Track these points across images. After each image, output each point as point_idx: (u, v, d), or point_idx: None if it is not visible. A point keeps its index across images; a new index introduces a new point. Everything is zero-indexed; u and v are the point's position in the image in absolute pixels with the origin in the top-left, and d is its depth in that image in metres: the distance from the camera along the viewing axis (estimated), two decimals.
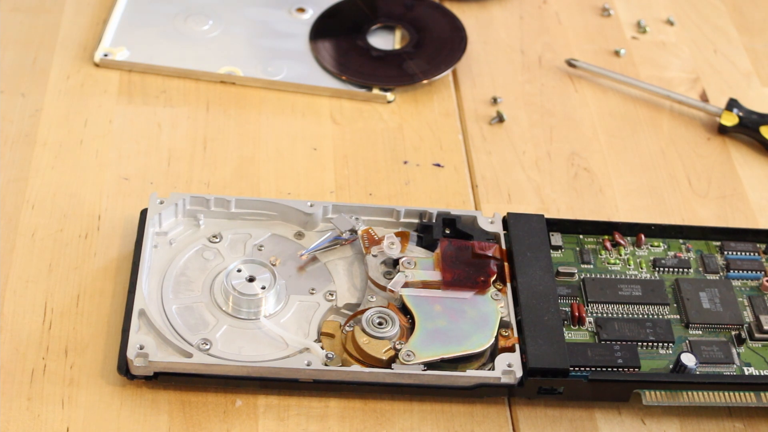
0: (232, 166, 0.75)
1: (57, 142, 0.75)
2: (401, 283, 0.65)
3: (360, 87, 0.81)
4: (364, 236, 0.67)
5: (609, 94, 0.85)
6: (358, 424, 0.62)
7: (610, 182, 0.78)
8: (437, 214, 0.69)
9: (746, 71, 0.88)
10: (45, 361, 0.62)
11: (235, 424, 0.61)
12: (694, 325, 0.66)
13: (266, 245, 0.68)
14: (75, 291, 0.66)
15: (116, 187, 0.72)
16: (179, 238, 0.68)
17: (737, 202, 0.77)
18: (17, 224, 0.69)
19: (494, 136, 0.80)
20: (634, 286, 0.67)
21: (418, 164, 0.77)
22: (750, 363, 0.65)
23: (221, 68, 0.81)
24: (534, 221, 0.69)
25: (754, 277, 0.69)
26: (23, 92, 0.78)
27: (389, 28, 0.87)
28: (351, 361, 0.62)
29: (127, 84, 0.80)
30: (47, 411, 0.60)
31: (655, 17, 0.92)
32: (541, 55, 0.87)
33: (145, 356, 0.60)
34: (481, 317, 0.64)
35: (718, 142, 0.82)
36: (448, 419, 0.62)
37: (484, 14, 0.90)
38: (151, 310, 0.62)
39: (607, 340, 0.64)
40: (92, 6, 0.85)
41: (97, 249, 0.68)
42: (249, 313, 0.64)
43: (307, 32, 0.85)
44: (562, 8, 0.92)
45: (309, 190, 0.74)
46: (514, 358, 0.62)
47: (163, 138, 0.76)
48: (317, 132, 0.78)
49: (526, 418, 0.63)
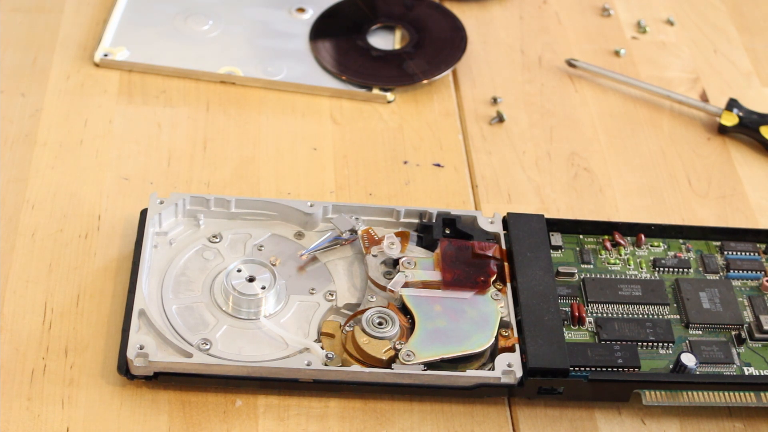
0: (232, 166, 0.75)
1: (57, 142, 0.75)
2: (401, 283, 0.65)
3: (360, 87, 0.81)
4: (364, 236, 0.67)
5: (609, 94, 0.85)
6: (358, 424, 0.62)
7: (610, 182, 0.78)
8: (437, 214, 0.69)
9: (746, 71, 0.88)
10: (45, 361, 0.62)
11: (235, 424, 0.61)
12: (694, 325, 0.66)
13: (266, 245, 0.68)
14: (75, 291, 0.66)
15: (116, 187, 0.72)
16: (179, 238, 0.68)
17: (737, 202, 0.77)
18: (17, 224, 0.69)
19: (494, 136, 0.80)
20: (634, 286, 0.67)
21: (418, 164, 0.77)
22: (750, 363, 0.65)
23: (221, 68, 0.81)
24: (534, 221, 0.69)
25: (754, 277, 0.69)
26: (23, 92, 0.78)
27: (389, 28, 0.87)
28: (351, 361, 0.62)
29: (127, 84, 0.80)
30: (47, 411, 0.60)
31: (655, 17, 0.92)
32: (541, 55, 0.87)
33: (145, 356, 0.60)
34: (481, 317, 0.64)
35: (718, 142, 0.82)
36: (448, 419, 0.62)
37: (484, 14, 0.90)
38: (151, 310, 0.62)
39: (607, 340, 0.64)
40: (92, 6, 0.85)
41: (97, 249, 0.68)
42: (249, 313, 0.64)
43: (307, 32, 0.85)
44: (562, 8, 0.92)
45: (309, 190, 0.74)
46: (514, 358, 0.62)
47: (163, 138, 0.76)
48: (317, 132, 0.78)
49: (526, 418, 0.63)
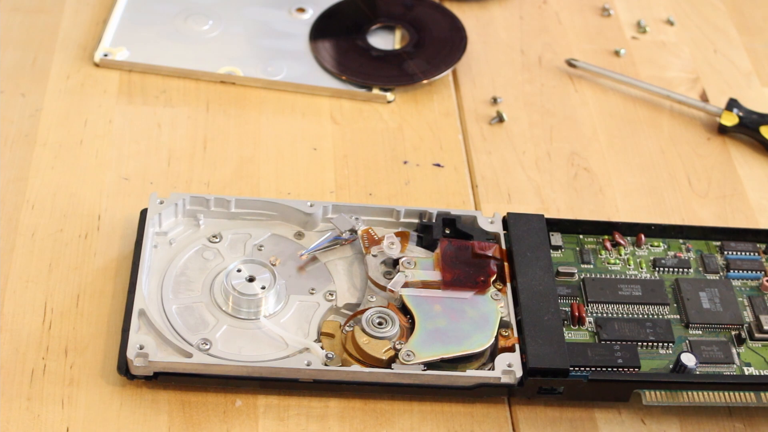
0: (232, 166, 0.75)
1: (57, 142, 0.75)
2: (401, 283, 0.65)
3: (360, 87, 0.81)
4: (364, 236, 0.67)
5: (609, 94, 0.85)
6: (358, 424, 0.62)
7: (610, 182, 0.78)
8: (437, 214, 0.69)
9: (746, 71, 0.88)
10: (45, 361, 0.62)
11: (235, 424, 0.61)
12: (694, 325, 0.66)
13: (266, 245, 0.68)
14: (75, 291, 0.66)
15: (116, 187, 0.72)
16: (179, 238, 0.68)
17: (737, 202, 0.77)
18: (17, 224, 0.69)
19: (494, 136, 0.80)
20: (634, 286, 0.67)
21: (418, 164, 0.77)
22: (750, 363, 0.65)
23: (221, 68, 0.81)
24: (534, 221, 0.69)
25: (754, 277, 0.69)
26: (23, 92, 0.78)
27: (389, 28, 0.87)
28: (351, 361, 0.62)
29: (127, 84, 0.80)
30: (47, 411, 0.60)
31: (655, 17, 0.92)
32: (541, 55, 0.87)
33: (145, 356, 0.60)
34: (481, 317, 0.64)
35: (718, 142, 0.82)
36: (448, 419, 0.62)
37: (484, 14, 0.90)
38: (151, 310, 0.62)
39: (607, 340, 0.64)
40: (92, 6, 0.85)
41: (97, 249, 0.68)
42: (249, 313, 0.64)
43: (307, 32, 0.85)
44: (562, 8, 0.92)
45: (309, 190, 0.74)
46: (514, 358, 0.62)
47: (163, 138, 0.76)
48: (317, 132, 0.78)
49: (526, 418, 0.63)
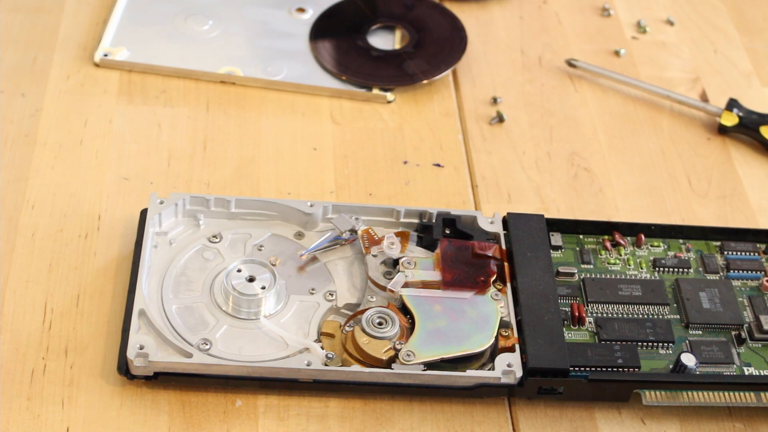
0: (232, 166, 0.75)
1: (57, 142, 0.75)
2: (401, 283, 0.65)
3: (360, 87, 0.81)
4: (364, 236, 0.67)
5: (609, 94, 0.85)
6: (358, 424, 0.62)
7: (610, 182, 0.78)
8: (437, 214, 0.69)
9: (746, 71, 0.88)
10: (45, 361, 0.62)
11: (235, 424, 0.61)
12: (694, 325, 0.66)
13: (266, 245, 0.68)
14: (75, 291, 0.66)
15: (116, 187, 0.72)
16: (179, 238, 0.68)
17: (737, 202, 0.77)
18: (17, 224, 0.69)
19: (494, 136, 0.80)
20: (634, 286, 0.67)
21: (418, 164, 0.77)
22: (750, 363, 0.65)
23: (221, 68, 0.81)
24: (534, 221, 0.69)
25: (754, 277, 0.69)
26: (23, 92, 0.78)
27: (389, 28, 0.87)
28: (351, 361, 0.62)
29: (127, 84, 0.80)
30: (47, 411, 0.60)
31: (655, 17, 0.92)
32: (541, 55, 0.87)
33: (145, 356, 0.60)
34: (481, 317, 0.64)
35: (718, 142, 0.82)
36: (448, 419, 0.62)
37: (484, 14, 0.90)
38: (151, 310, 0.62)
39: (607, 340, 0.64)
40: (92, 6, 0.85)
41: (97, 249, 0.68)
42: (249, 313, 0.64)
43: (307, 32, 0.85)
44: (562, 8, 0.92)
45: (309, 190, 0.74)
46: (514, 358, 0.62)
47: (163, 138, 0.76)
48: (317, 132, 0.78)
49: (526, 418, 0.63)
